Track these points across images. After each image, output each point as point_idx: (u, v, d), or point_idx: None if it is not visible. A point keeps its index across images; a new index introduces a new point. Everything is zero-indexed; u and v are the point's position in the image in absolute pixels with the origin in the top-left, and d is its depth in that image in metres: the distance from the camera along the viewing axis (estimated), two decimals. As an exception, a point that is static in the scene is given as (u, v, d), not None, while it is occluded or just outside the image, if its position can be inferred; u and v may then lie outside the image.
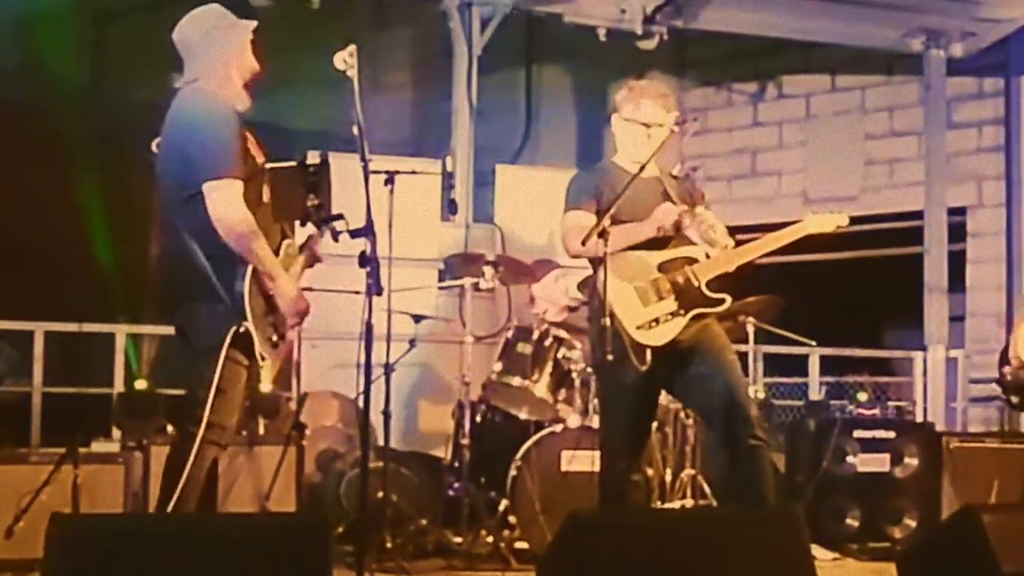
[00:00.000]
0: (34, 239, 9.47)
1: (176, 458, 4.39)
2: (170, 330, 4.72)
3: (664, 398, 6.28)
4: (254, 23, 4.62)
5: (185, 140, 4.41)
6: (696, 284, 5.07)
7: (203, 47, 4.49)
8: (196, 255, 4.36)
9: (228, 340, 4.32)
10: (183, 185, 4.39)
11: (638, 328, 4.96)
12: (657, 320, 5.00)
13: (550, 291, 6.62)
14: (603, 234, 4.85)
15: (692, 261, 5.12)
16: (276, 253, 4.45)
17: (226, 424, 4.48)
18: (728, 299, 5.17)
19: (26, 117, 9.77)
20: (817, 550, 6.11)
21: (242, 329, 4.31)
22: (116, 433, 6.54)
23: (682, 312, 5.03)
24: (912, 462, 7.00)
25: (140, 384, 6.91)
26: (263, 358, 4.41)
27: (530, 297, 6.73)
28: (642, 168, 5.02)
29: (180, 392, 6.55)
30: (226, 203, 4.31)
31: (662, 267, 5.07)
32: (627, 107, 5.17)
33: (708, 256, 5.16)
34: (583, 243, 4.89)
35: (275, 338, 4.48)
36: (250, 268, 4.33)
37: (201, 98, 4.45)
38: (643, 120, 5.10)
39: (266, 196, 4.53)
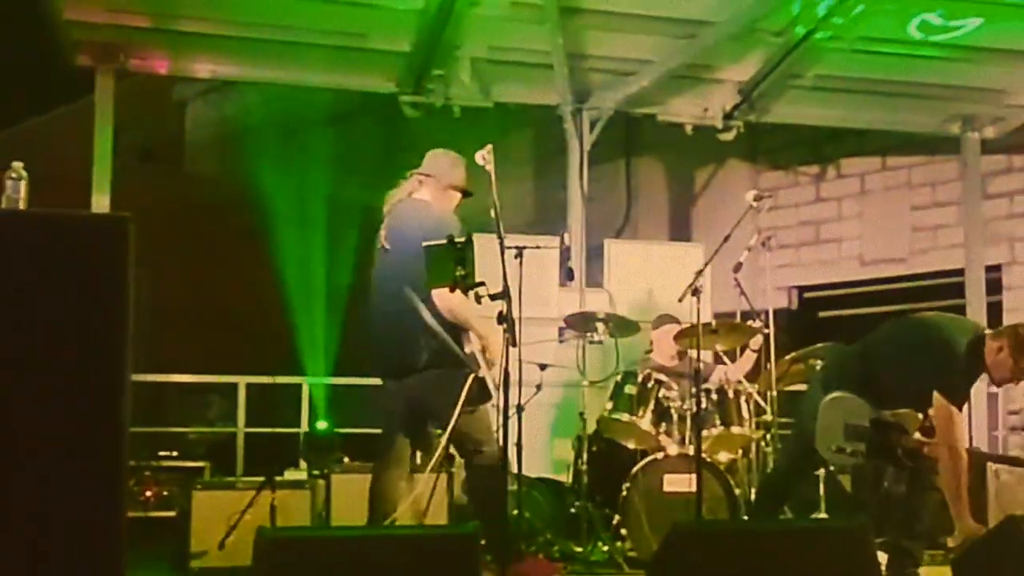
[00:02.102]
0: (236, 311, 9.73)
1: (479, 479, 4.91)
2: (346, 381, 4.96)
3: (747, 429, 6.26)
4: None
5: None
6: (899, 443, 4.93)
7: (448, 177, 5.01)
8: (435, 327, 4.70)
9: (465, 394, 4.62)
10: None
11: (832, 451, 4.97)
12: (845, 451, 4.95)
13: (666, 341, 6.69)
14: None
15: (914, 417, 4.96)
16: None
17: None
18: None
19: (227, 213, 10.08)
20: (881, 556, 6.00)
21: (478, 375, 4.69)
22: (303, 464, 6.67)
23: (867, 458, 4.97)
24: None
25: (321, 425, 7.01)
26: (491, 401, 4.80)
27: (650, 341, 6.83)
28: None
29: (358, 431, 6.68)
30: (449, 301, 4.64)
31: (873, 421, 4.93)
32: None
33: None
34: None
35: (497, 383, 4.73)
36: (473, 335, 4.72)
37: (453, 220, 4.88)
38: None
39: None
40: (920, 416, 4.99)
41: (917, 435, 4.98)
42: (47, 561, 2.92)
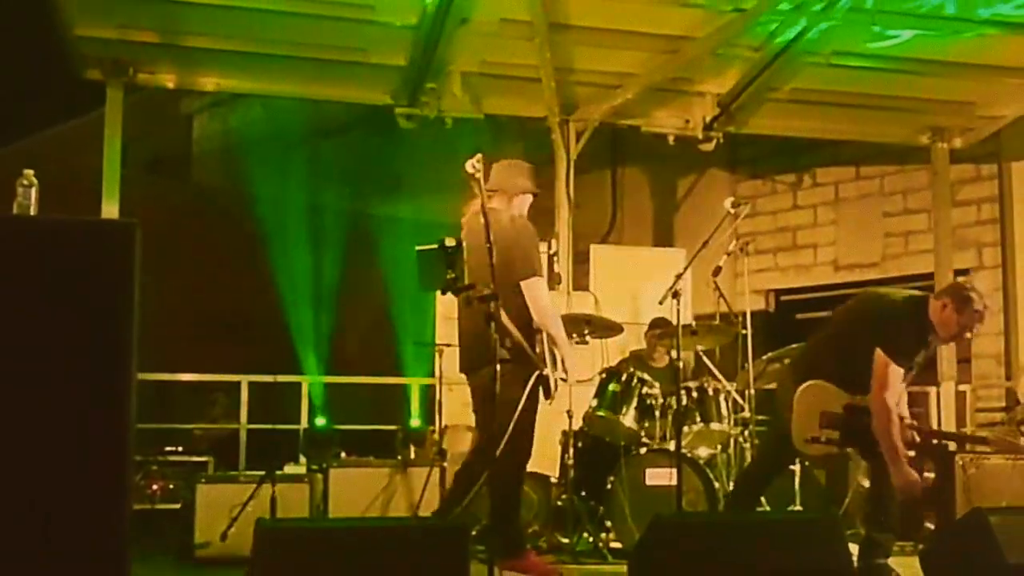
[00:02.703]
0: (240, 312, 9.74)
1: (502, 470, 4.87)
2: (343, 379, 4.96)
3: (725, 425, 6.27)
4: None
5: (511, 249, 4.88)
6: (865, 429, 4.84)
7: (514, 187, 5.13)
8: (510, 326, 4.75)
9: (529, 388, 4.80)
10: (508, 278, 4.77)
11: (804, 441, 4.89)
12: (818, 439, 4.87)
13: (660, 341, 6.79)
14: None
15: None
16: None
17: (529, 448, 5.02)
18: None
19: (231, 220, 10.09)
20: (853, 548, 6.02)
21: (543, 374, 4.85)
22: (302, 459, 6.67)
23: (840, 446, 4.90)
24: (929, 475, 6.81)
25: (320, 421, 7.02)
26: (549, 400, 4.98)
27: (646, 343, 6.92)
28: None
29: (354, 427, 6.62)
30: (543, 293, 4.87)
31: (846, 406, 4.87)
32: (972, 317, 4.80)
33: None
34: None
35: (556, 386, 5.01)
36: (545, 335, 4.85)
37: (527, 226, 5.04)
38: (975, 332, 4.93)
39: None
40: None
41: None
42: (56, 552, 2.93)
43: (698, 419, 6.26)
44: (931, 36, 7.29)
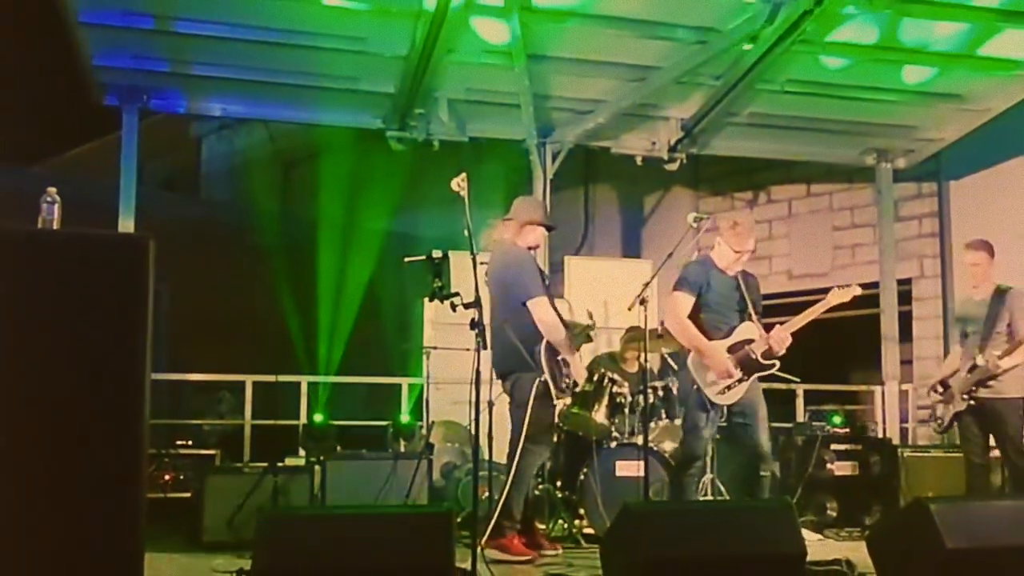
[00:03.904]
0: (245, 317, 9.71)
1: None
2: (339, 379, 5.01)
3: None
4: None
5: (508, 274, 5.28)
6: (753, 357, 5.28)
7: (523, 216, 5.47)
8: (515, 341, 5.07)
9: (534, 392, 5.08)
10: (508, 300, 5.17)
11: (717, 394, 5.25)
12: (729, 387, 5.24)
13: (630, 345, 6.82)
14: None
15: (750, 340, 5.32)
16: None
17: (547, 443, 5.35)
18: (777, 363, 5.35)
19: (237, 234, 10.08)
20: (805, 533, 6.05)
21: (543, 379, 5.10)
22: (302, 452, 6.67)
23: (746, 377, 5.26)
24: (876, 467, 6.91)
25: (318, 417, 7.02)
26: (559, 399, 5.24)
27: (620, 349, 6.95)
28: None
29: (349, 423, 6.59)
30: (546, 310, 5.15)
31: (730, 349, 5.29)
32: (732, 239, 5.34)
33: (761, 336, 5.32)
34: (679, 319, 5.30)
35: (564, 385, 5.28)
36: (544, 344, 5.10)
37: (520, 252, 5.38)
38: (745, 249, 5.38)
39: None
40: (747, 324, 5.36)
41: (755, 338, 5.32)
42: (76, 536, 2.94)
43: (664, 416, 6.30)
44: (872, 64, 7.38)
